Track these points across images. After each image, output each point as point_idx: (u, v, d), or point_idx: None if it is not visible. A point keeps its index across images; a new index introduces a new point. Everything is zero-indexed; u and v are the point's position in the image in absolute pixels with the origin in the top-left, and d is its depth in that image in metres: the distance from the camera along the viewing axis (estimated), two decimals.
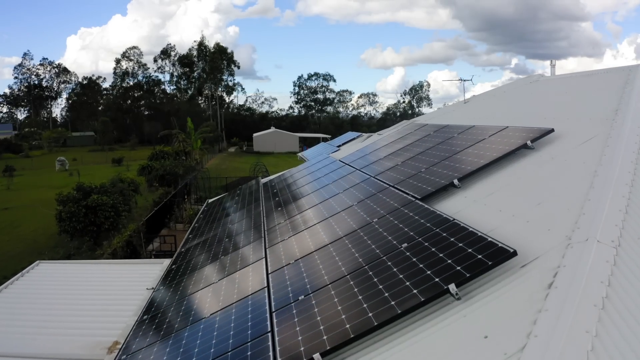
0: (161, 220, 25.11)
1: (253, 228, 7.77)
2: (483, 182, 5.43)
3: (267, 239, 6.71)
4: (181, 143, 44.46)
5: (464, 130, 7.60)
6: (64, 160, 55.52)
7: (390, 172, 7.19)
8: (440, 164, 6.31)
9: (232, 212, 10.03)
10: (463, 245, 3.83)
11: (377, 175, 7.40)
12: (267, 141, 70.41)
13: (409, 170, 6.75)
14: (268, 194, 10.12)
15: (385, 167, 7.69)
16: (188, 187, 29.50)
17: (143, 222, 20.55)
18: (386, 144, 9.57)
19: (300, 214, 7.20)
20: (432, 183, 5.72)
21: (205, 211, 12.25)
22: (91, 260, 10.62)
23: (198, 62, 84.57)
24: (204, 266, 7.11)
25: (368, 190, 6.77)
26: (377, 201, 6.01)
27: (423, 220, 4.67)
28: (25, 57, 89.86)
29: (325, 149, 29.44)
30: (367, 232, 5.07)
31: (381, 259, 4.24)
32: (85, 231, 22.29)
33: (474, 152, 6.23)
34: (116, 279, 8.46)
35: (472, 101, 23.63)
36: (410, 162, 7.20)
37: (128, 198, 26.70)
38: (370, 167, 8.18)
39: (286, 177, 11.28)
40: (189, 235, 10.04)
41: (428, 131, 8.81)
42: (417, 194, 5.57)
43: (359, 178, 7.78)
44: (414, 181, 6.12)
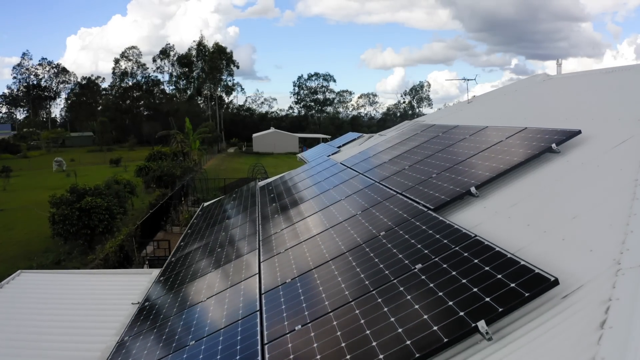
0: (157, 223, 24.51)
1: (247, 237, 7.16)
2: (504, 190, 4.82)
3: (262, 251, 6.10)
4: (179, 144, 43.83)
5: (476, 132, 6.99)
6: (61, 161, 54.96)
7: (397, 177, 6.58)
8: (454, 169, 5.70)
9: (227, 218, 9.41)
10: (490, 269, 3.21)
11: (382, 180, 6.79)
12: (267, 142, 69.80)
13: (418, 176, 6.13)
14: (265, 199, 9.51)
15: (390, 171, 7.08)
16: (185, 189, 28.87)
17: (137, 225, 19.93)
18: (390, 145, 8.95)
19: (299, 223, 6.59)
20: (446, 191, 5.10)
21: (200, 216, 11.64)
22: (76, 270, 10.02)
23: (197, 62, 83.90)
24: (193, 280, 6.49)
25: (372, 197, 6.15)
26: (383, 210, 5.40)
27: (438, 235, 4.06)
28: (24, 57, 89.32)
29: (325, 150, 28.82)
30: (373, 247, 4.45)
31: (391, 282, 3.63)
32: (79, 234, 21.71)
33: (491, 155, 5.62)
34: (101, 292, 7.85)
35: (477, 101, 23.02)
36: (419, 166, 6.59)
37: (124, 200, 26.08)
38: (374, 172, 7.56)
39: (284, 181, 10.67)
40: (181, 243, 9.42)
41: (436, 132, 8.20)
42: (429, 203, 4.96)
43: (362, 183, 7.17)
44: (424, 188, 5.51)
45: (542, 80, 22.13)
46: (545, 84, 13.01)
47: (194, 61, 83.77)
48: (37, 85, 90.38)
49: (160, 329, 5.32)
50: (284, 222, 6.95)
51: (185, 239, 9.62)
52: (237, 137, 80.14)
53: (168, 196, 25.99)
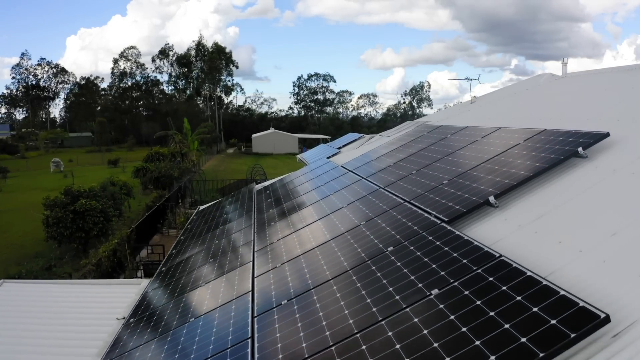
0: (154, 226, 23.98)
1: (242, 247, 6.64)
2: (527, 200, 4.29)
3: (257, 264, 5.58)
4: (177, 144, 43.27)
5: (488, 133, 6.47)
6: (59, 162, 54.46)
7: (404, 182, 6.05)
8: (467, 175, 5.18)
9: (222, 224, 8.89)
10: (523, 299, 2.69)
11: (387, 186, 6.26)
12: (266, 142, 69.27)
13: (427, 182, 5.61)
14: (262, 204, 8.98)
15: (396, 176, 6.56)
16: (182, 191, 28.34)
17: (132, 229, 19.39)
18: (395, 148, 8.43)
19: (296, 233, 6.07)
20: (460, 200, 4.58)
21: (194, 221, 11.12)
22: (61, 280, 9.49)
23: (196, 62, 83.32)
24: (182, 294, 5.97)
25: (377, 205, 5.63)
26: (389, 221, 4.88)
27: (456, 254, 3.54)
28: (23, 57, 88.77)
29: (326, 151, 28.28)
30: (380, 265, 3.93)
31: (403, 311, 3.11)
32: (73, 237, 21.19)
33: (508, 160, 5.10)
34: (85, 305, 7.33)
35: (481, 101, 22.47)
36: (428, 171, 6.06)
37: (119, 202, 25.56)
38: (377, 176, 7.04)
39: (282, 185, 10.14)
40: (173, 251, 8.91)
41: (444, 133, 7.67)
42: (441, 213, 4.44)
43: (365, 189, 6.65)
44: (435, 196, 4.98)
45: (548, 80, 21.57)
46: (554, 83, 12.49)
47: (193, 61, 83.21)
48: (36, 86, 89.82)
49: (144, 351, 4.81)
50: (281, 231, 6.42)
51: (178, 246, 9.10)
52: (236, 138, 79.59)
53: (165, 198, 25.44)
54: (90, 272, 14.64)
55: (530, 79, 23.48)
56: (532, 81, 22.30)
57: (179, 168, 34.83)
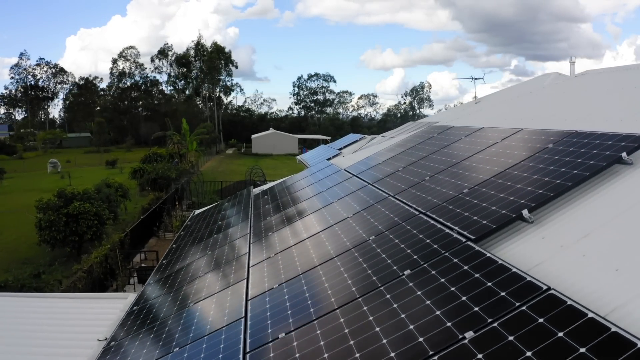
0: (150, 229, 23.35)
1: (236, 261, 6.01)
2: (567, 214, 3.67)
3: (250, 282, 4.95)
4: (176, 145, 42.63)
5: (509, 136, 5.84)
6: (56, 163, 53.88)
7: (416, 190, 5.42)
8: (491, 183, 4.55)
9: (215, 232, 8.26)
10: (588, 351, 2.07)
11: (397, 194, 5.63)
12: (266, 143, 68.63)
13: (444, 190, 4.98)
14: (259, 211, 8.35)
15: (407, 182, 5.93)
16: (179, 193, 27.69)
17: (127, 232, 18.77)
18: (403, 150, 7.80)
19: (296, 246, 5.44)
20: (487, 213, 3.95)
21: (188, 227, 10.50)
22: (41, 294, 8.86)
23: (195, 62, 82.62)
24: (167, 316, 5.35)
25: (387, 217, 5.00)
26: (404, 237, 4.25)
27: (490, 283, 2.91)
28: (22, 57, 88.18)
29: (326, 152, 27.65)
30: (397, 294, 3.30)
31: None
32: (67, 241, 20.58)
33: (538, 166, 4.47)
34: (64, 322, 6.70)
35: (489, 101, 21.82)
36: (443, 177, 5.44)
37: (115, 205, 24.93)
38: (386, 182, 6.41)
39: (281, 190, 9.51)
40: (164, 261, 8.28)
41: (457, 135, 7.05)
42: (466, 229, 3.81)
43: (372, 197, 6.02)
44: (455, 207, 4.36)
45: (555, 79, 20.92)
46: (568, 82, 11.87)
47: (192, 61, 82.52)
48: (34, 86, 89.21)
49: None
50: (279, 243, 5.79)
51: (169, 255, 8.48)
52: (236, 138, 78.95)
53: (161, 201, 24.81)
54: (80, 280, 14.03)
55: (537, 79, 22.86)
56: (539, 80, 21.67)
57: (177, 169, 34.19)
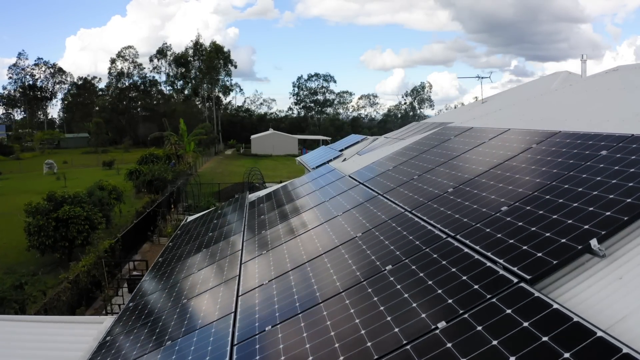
0: (144, 233, 22.45)
1: (224, 286, 5.13)
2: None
3: (238, 319, 4.06)
4: (173, 146, 41.72)
5: (544, 139, 4.95)
6: (52, 164, 53.03)
7: (439, 205, 4.53)
8: (537, 200, 3.65)
9: (204, 246, 7.37)
10: None
11: (415, 208, 4.73)
12: (265, 143, 67.72)
13: (476, 207, 4.07)
14: (253, 223, 7.46)
15: (425, 194, 5.03)
16: (174, 195, 26.77)
17: (118, 238, 17.87)
18: (415, 155, 6.90)
19: (294, 271, 4.55)
20: (540, 241, 3.05)
21: (177, 237, 9.61)
22: (7, 316, 7.95)
23: (194, 62, 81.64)
24: (144, 350, 4.47)
25: (406, 240, 4.10)
26: (429, 269, 3.36)
27: (568, 353, 2.02)
28: (20, 57, 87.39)
29: (327, 153, 26.76)
30: (429, 357, 2.42)
31: None
32: (56, 247, 19.72)
33: (595, 179, 3.58)
34: (30, 353, 5.83)
35: (498, 101, 20.94)
36: (470, 189, 4.54)
37: (108, 208, 24.04)
38: (399, 193, 5.51)
39: (279, 198, 8.61)
40: (146, 278, 7.40)
41: (479, 138, 6.15)
42: (517, 265, 2.91)
43: (385, 211, 5.12)
44: (495, 231, 3.46)
45: (566, 78, 20.02)
46: (588, 81, 10.95)
47: (191, 60, 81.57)
48: (33, 86, 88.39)
49: None
50: (274, 268, 4.90)
51: (154, 271, 7.59)
52: (235, 139, 78.06)
53: (155, 204, 23.90)
54: (65, 291, 13.16)
55: (546, 78, 21.97)
56: (548, 80, 20.77)
57: (173, 171, 33.27)
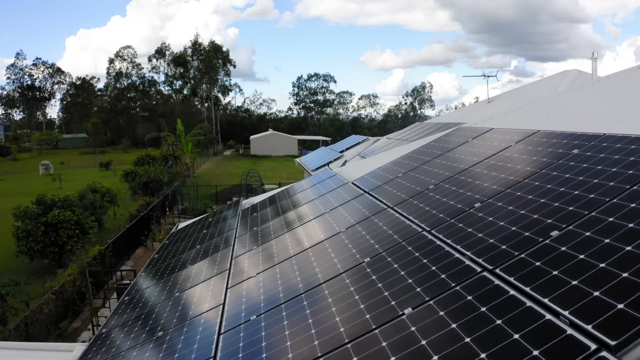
0: (138, 238, 21.67)
1: (204, 320, 4.32)
2: None
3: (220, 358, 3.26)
4: (170, 147, 40.87)
5: (587, 143, 4.14)
6: (48, 165, 52.24)
7: (464, 224, 3.70)
8: (597, 223, 2.84)
9: (189, 262, 6.56)
10: None
11: (436, 228, 3.90)
12: (265, 144, 66.92)
13: (515, 230, 3.23)
14: (244, 236, 6.65)
15: (447, 210, 4.20)
16: (169, 199, 25.94)
17: (109, 244, 17.06)
18: (429, 160, 6.08)
19: (287, 305, 3.74)
20: (624, 286, 2.25)
21: (163, 249, 8.80)
22: None
23: (192, 61, 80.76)
24: None
25: (430, 273, 3.30)
26: (468, 321, 2.56)
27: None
28: (18, 57, 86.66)
29: (327, 154, 25.95)
30: None
31: None
32: (45, 252, 18.93)
33: None
34: None
35: (504, 101, 20.10)
36: (503, 203, 3.71)
37: (100, 212, 23.23)
38: (412, 206, 4.69)
39: (274, 208, 7.78)
40: (126, 298, 6.59)
41: (505, 141, 5.34)
42: (588, 320, 2.10)
43: (398, 230, 4.30)
44: (548, 266, 2.64)
45: (578, 77, 19.17)
46: (611, 80, 10.08)
47: (189, 60, 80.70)
48: (31, 86, 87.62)
49: None
50: (264, 299, 4.08)
51: (132, 291, 6.78)
52: (234, 139, 77.26)
53: (149, 207, 23.09)
54: (48, 303, 12.36)
55: (554, 76, 21.08)
56: (557, 78, 19.89)
57: (170, 172, 32.43)
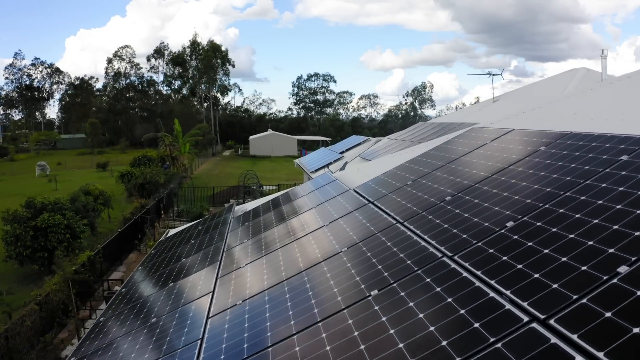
0: (131, 241, 20.95)
1: (188, 349, 3.61)
2: None
3: None
4: (167, 147, 40.14)
5: (637, 148, 3.44)
6: (44, 165, 51.51)
7: (497, 248, 3.00)
8: None
9: (171, 280, 5.85)
10: None
11: (459, 253, 3.20)
12: (264, 144, 66.20)
13: (574, 264, 2.55)
14: (234, 247, 5.94)
15: (472, 229, 3.48)
16: (164, 201, 25.21)
17: (99, 250, 16.34)
18: (440, 164, 5.35)
19: (274, 350, 3.04)
20: None
21: (151, 259, 8.09)
22: None
23: (191, 61, 79.96)
24: None
25: (458, 320, 2.59)
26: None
27: None
28: (17, 57, 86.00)
29: (327, 156, 25.23)
30: None
31: None
32: (34, 258, 18.20)
33: None
34: None
35: (511, 100, 19.34)
36: (544, 224, 3.01)
37: (93, 215, 22.52)
38: (427, 223, 3.98)
39: (267, 218, 7.05)
40: (101, 319, 5.88)
41: (533, 144, 4.62)
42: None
43: (411, 253, 3.57)
44: (615, 310, 1.95)
45: (587, 75, 18.39)
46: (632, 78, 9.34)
47: (188, 60, 79.92)
48: (29, 86, 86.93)
49: None
50: (247, 339, 3.38)
51: (110, 309, 6.07)
52: (233, 140, 76.54)
53: (143, 210, 22.37)
54: (31, 314, 11.63)
55: (562, 75, 20.29)
56: (566, 77, 19.10)
57: (166, 174, 31.69)
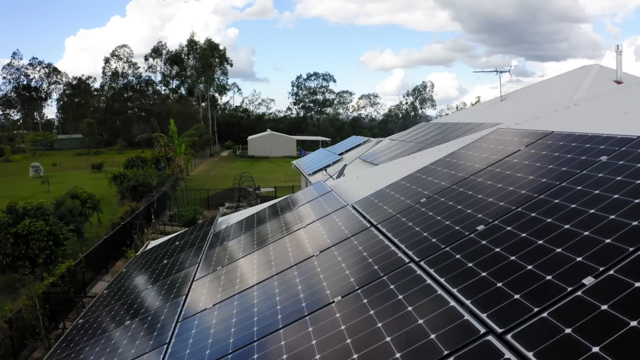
0: (119, 248, 19.96)
1: None
2: None
3: None
4: (162, 148, 39.15)
5: None
6: (38, 166, 50.55)
7: (551, 315, 2.02)
8: None
9: (132, 315, 4.86)
10: None
11: (495, 310, 2.24)
12: (263, 145, 65.23)
13: None
14: (204, 275, 4.94)
15: (512, 270, 2.52)
16: (155, 205, 24.19)
17: (80, 259, 15.34)
18: (464, 177, 4.36)
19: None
20: None
21: (118, 281, 7.08)
22: None
23: (188, 60, 78.85)
24: None
25: None
26: None
27: None
28: (15, 56, 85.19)
29: (326, 157, 24.18)
30: None
31: None
32: (15, 266, 17.17)
33: None
34: None
35: (520, 99, 18.26)
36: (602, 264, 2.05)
37: (80, 219, 21.51)
38: (456, 267, 2.99)
39: (250, 237, 5.99)
40: (63, 344, 4.89)
41: (585, 152, 3.63)
42: None
43: (447, 324, 2.60)
44: None
45: (600, 73, 17.31)
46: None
47: (185, 59, 78.84)
48: (27, 86, 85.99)
49: None
50: None
51: (67, 338, 5.08)
52: (232, 140, 75.57)
53: (132, 216, 21.36)
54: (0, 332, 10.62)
55: (574, 72, 19.16)
56: (578, 74, 17.99)
57: (159, 175, 30.67)
